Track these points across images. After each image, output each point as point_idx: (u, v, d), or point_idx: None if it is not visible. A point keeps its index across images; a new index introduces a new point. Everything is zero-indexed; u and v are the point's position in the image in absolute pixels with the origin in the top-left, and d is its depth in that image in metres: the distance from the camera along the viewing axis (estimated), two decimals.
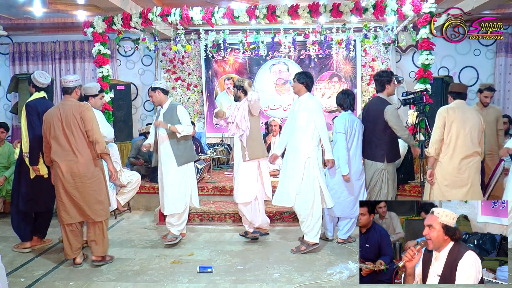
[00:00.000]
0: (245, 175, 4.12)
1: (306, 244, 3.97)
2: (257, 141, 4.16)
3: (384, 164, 4.01)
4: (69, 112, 3.54)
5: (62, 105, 3.62)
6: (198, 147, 6.37)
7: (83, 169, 3.55)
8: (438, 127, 3.82)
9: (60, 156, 3.53)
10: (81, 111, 3.55)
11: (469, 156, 3.75)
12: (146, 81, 7.90)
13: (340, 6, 5.12)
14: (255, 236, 4.28)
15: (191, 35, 6.40)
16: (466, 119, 3.77)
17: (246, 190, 4.12)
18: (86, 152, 3.58)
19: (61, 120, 3.53)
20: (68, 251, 3.65)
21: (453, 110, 3.82)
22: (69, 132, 3.52)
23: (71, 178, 3.54)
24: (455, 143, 3.76)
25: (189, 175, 4.27)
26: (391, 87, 4.13)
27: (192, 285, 3.32)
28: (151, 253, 4.01)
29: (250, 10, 5.31)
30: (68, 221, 3.61)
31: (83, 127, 3.55)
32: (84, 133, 3.56)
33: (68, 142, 3.53)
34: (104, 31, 5.80)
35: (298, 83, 3.98)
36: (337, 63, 7.28)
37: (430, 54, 5.15)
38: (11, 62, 7.88)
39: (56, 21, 7.16)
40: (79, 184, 3.56)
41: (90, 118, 3.58)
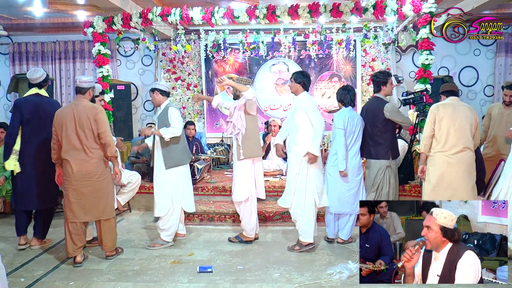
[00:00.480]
0: (240, 174, 4.14)
1: (299, 244, 3.98)
2: (253, 140, 4.13)
3: (389, 161, 4.04)
4: (83, 113, 3.62)
5: (76, 105, 3.68)
6: (198, 147, 6.37)
7: (93, 168, 3.64)
8: (429, 124, 3.91)
9: (72, 154, 3.61)
10: (96, 113, 3.64)
11: (460, 151, 3.78)
12: (146, 81, 7.90)
13: (340, 6, 5.12)
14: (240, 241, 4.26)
15: (191, 35, 6.41)
16: (457, 115, 3.81)
17: (240, 189, 4.13)
18: (97, 152, 3.67)
19: (75, 120, 3.60)
20: (70, 249, 3.68)
21: (444, 106, 3.89)
22: (82, 132, 3.60)
23: (81, 176, 3.61)
24: (445, 139, 3.81)
25: (180, 178, 4.18)
26: (388, 88, 4.13)
27: (192, 285, 3.32)
28: (151, 253, 4.01)
29: (250, 10, 5.31)
30: (72, 220, 3.65)
31: (95, 129, 3.63)
32: (96, 134, 3.64)
33: (80, 141, 3.61)
34: (104, 31, 5.80)
35: (295, 82, 3.98)
36: (337, 63, 7.28)
37: (430, 54, 5.15)
38: (11, 62, 7.89)
39: (56, 21, 7.16)
40: (89, 182, 3.63)
41: (104, 121, 3.68)
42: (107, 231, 3.79)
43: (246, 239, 4.24)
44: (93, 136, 3.64)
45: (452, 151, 3.79)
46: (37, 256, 3.96)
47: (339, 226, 4.19)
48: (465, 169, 3.80)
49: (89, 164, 3.63)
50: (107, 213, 3.76)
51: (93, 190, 3.65)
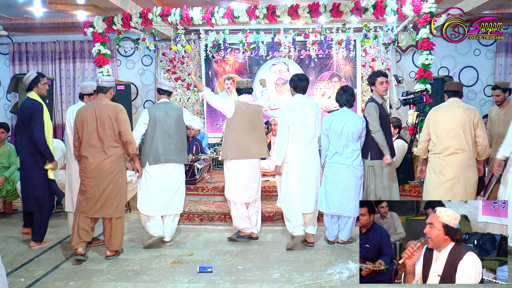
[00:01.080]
0: (224, 173, 4.29)
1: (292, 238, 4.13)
2: (230, 142, 4.14)
3: (368, 160, 4.04)
4: (104, 112, 3.71)
5: (97, 104, 3.77)
6: (198, 147, 6.38)
7: (110, 166, 3.73)
8: (424, 128, 4.03)
9: (91, 152, 3.71)
10: (117, 112, 3.73)
11: (452, 153, 3.80)
12: (146, 81, 7.90)
13: (340, 6, 5.12)
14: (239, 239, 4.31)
15: (191, 35, 6.41)
16: (448, 118, 3.84)
17: (226, 188, 4.27)
18: (115, 150, 3.76)
19: (96, 118, 3.70)
20: (74, 241, 3.74)
21: (437, 110, 3.97)
22: (102, 130, 3.70)
23: (98, 173, 3.70)
24: (437, 141, 3.87)
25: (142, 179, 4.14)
26: (378, 87, 4.07)
27: (192, 285, 3.32)
28: (151, 253, 4.01)
29: (250, 10, 5.31)
30: (84, 214, 3.74)
31: (116, 127, 3.72)
32: (116, 133, 3.73)
33: (100, 139, 3.71)
34: (104, 31, 5.80)
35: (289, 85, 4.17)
36: (337, 63, 7.29)
37: (430, 54, 5.15)
38: (11, 62, 7.89)
39: (56, 21, 7.17)
40: (106, 180, 3.72)
41: (125, 119, 3.77)
42: (117, 229, 3.83)
43: (243, 234, 4.31)
44: (113, 135, 3.72)
45: (445, 153, 3.83)
46: (37, 256, 3.96)
47: (339, 227, 4.18)
48: (459, 171, 3.80)
49: (107, 162, 3.71)
50: (119, 211, 3.82)
51: (108, 187, 3.73)
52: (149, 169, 4.04)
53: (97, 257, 3.91)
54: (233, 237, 4.33)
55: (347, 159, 3.98)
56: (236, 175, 4.17)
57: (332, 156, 4.05)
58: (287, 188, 4.05)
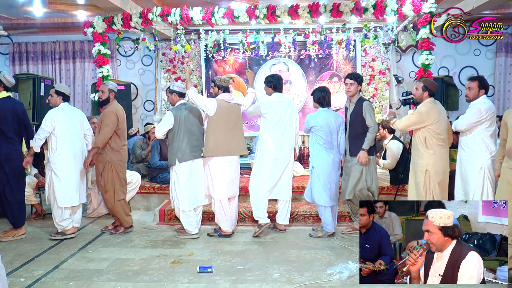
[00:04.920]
0: (206, 171, 4.45)
1: (259, 226, 4.42)
2: (213, 140, 4.30)
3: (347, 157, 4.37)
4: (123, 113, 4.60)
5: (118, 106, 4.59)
6: None
7: (126, 157, 4.67)
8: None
9: (119, 145, 4.50)
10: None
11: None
12: (146, 81, 7.90)
13: (340, 6, 5.12)
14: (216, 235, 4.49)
15: (191, 35, 6.41)
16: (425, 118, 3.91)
17: (209, 186, 4.45)
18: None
19: (123, 117, 4.54)
20: (126, 221, 4.62)
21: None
22: (123, 127, 4.54)
23: (123, 164, 4.56)
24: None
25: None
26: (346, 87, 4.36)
27: (192, 285, 3.32)
28: (151, 253, 4.01)
29: (250, 10, 5.31)
30: (120, 197, 4.54)
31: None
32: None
33: (123, 135, 4.55)
34: (104, 31, 5.80)
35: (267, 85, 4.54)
36: (337, 63, 7.28)
37: (430, 54, 5.15)
38: (11, 62, 7.89)
39: (56, 21, 7.16)
40: (124, 169, 4.60)
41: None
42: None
43: (224, 233, 4.45)
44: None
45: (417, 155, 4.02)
46: (37, 256, 3.96)
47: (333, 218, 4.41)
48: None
49: (125, 153, 4.62)
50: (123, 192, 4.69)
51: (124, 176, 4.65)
52: (179, 167, 4.33)
53: (97, 257, 3.91)
54: (212, 234, 4.48)
55: (335, 153, 4.33)
56: (219, 172, 4.35)
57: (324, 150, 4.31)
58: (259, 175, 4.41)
